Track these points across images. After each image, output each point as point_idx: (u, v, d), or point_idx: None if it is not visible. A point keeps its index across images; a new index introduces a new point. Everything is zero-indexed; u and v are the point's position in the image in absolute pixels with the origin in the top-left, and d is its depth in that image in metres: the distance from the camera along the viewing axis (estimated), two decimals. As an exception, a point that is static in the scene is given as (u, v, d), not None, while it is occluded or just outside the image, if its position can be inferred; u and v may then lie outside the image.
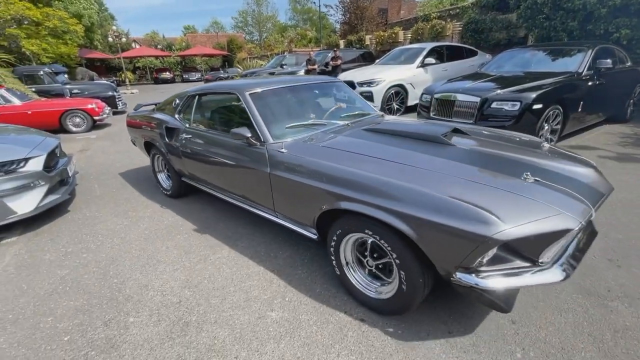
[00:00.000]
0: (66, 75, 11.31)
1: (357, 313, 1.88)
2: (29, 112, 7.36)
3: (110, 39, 21.73)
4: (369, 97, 7.22)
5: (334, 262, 2.01)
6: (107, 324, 1.91)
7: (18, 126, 3.75)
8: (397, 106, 7.51)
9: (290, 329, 1.80)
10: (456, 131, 2.31)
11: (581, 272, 2.10)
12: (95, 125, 8.07)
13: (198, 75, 29.19)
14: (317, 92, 3.10)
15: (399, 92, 7.39)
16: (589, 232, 1.79)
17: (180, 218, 3.21)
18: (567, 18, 6.85)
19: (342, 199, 1.76)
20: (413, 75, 7.46)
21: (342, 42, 17.30)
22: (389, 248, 1.64)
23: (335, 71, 11.17)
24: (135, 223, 3.15)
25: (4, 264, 2.56)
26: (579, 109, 4.59)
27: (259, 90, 2.62)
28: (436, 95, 4.77)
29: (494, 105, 4.15)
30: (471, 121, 4.29)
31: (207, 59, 35.10)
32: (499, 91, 4.27)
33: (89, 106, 7.95)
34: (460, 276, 1.42)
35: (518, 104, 3.99)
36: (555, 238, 1.37)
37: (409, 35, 13.08)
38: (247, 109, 2.48)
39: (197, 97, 3.20)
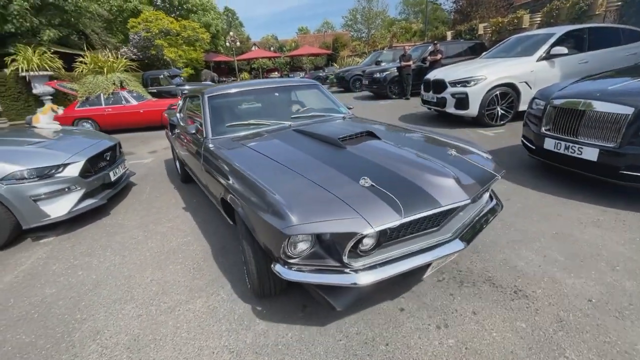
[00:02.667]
0: (182, 77, 13.01)
1: None
2: (141, 111, 8.54)
3: (227, 44, 24.54)
4: (463, 99, 5.79)
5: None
6: (23, 383, 1.61)
7: (82, 129, 4.11)
8: (503, 111, 5.81)
9: None
10: (372, 134, 2.37)
11: None
12: (190, 124, 8.86)
13: (302, 74, 30.55)
14: (277, 94, 3.47)
15: (507, 94, 5.69)
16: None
17: (190, 240, 2.87)
18: None
19: (225, 190, 2.06)
20: (531, 70, 5.62)
21: (449, 34, 15.15)
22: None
23: (433, 67, 9.68)
24: (147, 239, 2.96)
25: (21, 268, 2.65)
26: None
27: (217, 92, 3.07)
28: (555, 102, 3.24)
29: (662, 120, 2.49)
30: (612, 145, 2.71)
31: (313, 58, 36.48)
32: (676, 96, 2.56)
33: (186, 106, 8.78)
34: (276, 266, 1.57)
35: None
36: (347, 239, 1.45)
37: (538, 18, 10.35)
38: (201, 108, 2.93)
39: (187, 98, 3.76)
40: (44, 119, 3.78)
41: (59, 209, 3.04)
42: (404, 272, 1.55)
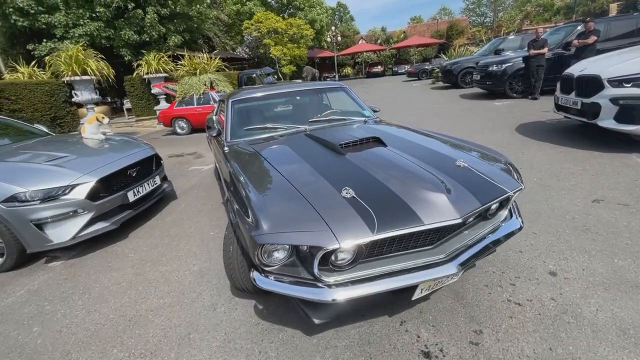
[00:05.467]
0: (276, 76, 13.11)
1: None
2: (226, 111, 8.70)
3: (328, 39, 24.30)
4: (635, 107, 3.59)
5: None
6: None
7: (124, 139, 3.89)
8: None
9: None
10: (378, 140, 2.26)
11: None
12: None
13: (407, 67, 28.17)
14: (299, 98, 3.46)
15: None
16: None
17: (164, 304, 2.19)
18: None
19: (227, 192, 2.18)
20: None
21: (614, 7, 11.03)
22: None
23: (581, 55, 6.97)
24: (128, 289, 2.41)
25: (4, 303, 2.41)
26: None
27: (241, 97, 3.17)
28: None
29: None
30: None
31: (422, 49, 33.36)
32: None
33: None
34: (254, 273, 1.59)
35: None
36: (313, 252, 1.44)
37: None
38: (225, 112, 3.10)
39: (220, 102, 3.92)
40: (89, 129, 3.73)
41: (62, 234, 2.77)
42: (384, 292, 1.48)
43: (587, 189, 3.12)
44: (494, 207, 1.79)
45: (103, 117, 3.78)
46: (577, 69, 4.48)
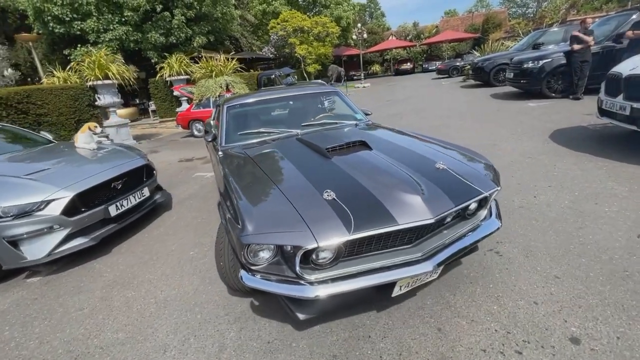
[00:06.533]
0: (296, 76, 12.90)
1: None
2: (240, 113, 8.60)
3: (354, 36, 23.73)
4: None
5: None
6: None
7: (116, 148, 3.79)
8: None
9: None
10: (364, 143, 2.32)
11: None
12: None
13: (438, 63, 26.89)
14: (292, 103, 3.53)
15: None
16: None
17: (118, 341, 1.99)
18: None
19: (220, 196, 2.20)
20: None
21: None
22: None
23: (635, 49, 6.09)
24: (87, 318, 2.24)
25: (-28, 323, 2.35)
26: None
27: (235, 102, 3.26)
28: None
29: None
30: None
31: (455, 45, 31.72)
32: None
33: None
34: (241, 272, 1.66)
35: None
36: (294, 251, 1.51)
37: None
38: (220, 117, 3.14)
39: (217, 107, 3.81)
40: (82, 139, 3.69)
41: (37, 251, 2.68)
42: (364, 288, 1.55)
43: (632, 218, 2.54)
44: (472, 207, 1.87)
45: (95, 127, 3.72)
46: (626, 67, 3.78)
